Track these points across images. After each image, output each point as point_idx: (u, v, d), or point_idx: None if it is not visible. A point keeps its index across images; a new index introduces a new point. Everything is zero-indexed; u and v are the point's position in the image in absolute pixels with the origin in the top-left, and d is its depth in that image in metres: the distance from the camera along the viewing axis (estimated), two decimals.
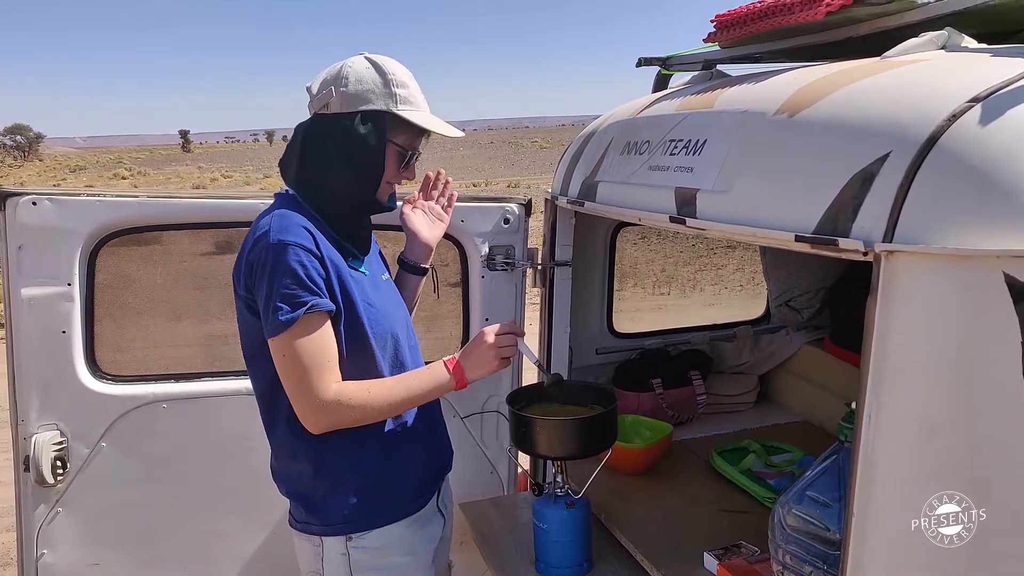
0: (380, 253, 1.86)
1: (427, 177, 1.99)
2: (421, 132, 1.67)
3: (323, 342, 1.51)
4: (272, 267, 1.47)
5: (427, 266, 1.97)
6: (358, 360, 1.60)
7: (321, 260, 1.52)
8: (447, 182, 1.92)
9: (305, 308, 1.47)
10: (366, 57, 1.63)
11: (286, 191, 1.68)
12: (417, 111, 1.64)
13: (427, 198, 1.99)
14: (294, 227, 1.51)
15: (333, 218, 1.62)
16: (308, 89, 1.64)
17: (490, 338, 1.69)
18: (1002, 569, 1.15)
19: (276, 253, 1.47)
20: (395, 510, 1.68)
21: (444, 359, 1.68)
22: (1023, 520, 1.13)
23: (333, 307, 1.53)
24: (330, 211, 1.62)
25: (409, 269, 1.95)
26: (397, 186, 1.73)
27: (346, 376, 1.56)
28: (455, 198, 2.02)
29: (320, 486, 1.63)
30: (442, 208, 1.99)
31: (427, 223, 1.96)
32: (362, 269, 1.68)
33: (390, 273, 1.87)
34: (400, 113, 1.61)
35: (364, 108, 1.59)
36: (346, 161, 1.60)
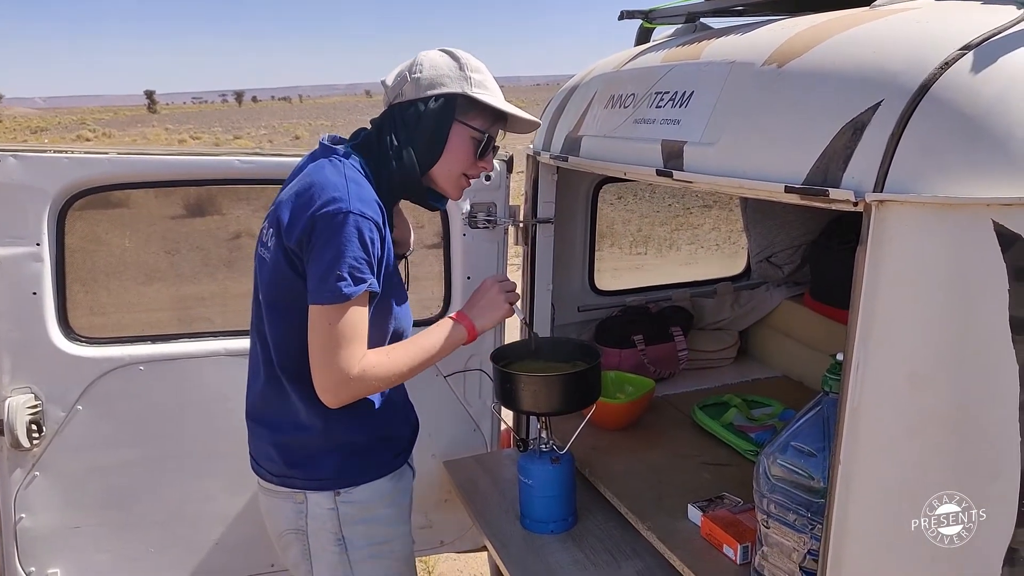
0: None
1: None
2: (497, 117, 1.68)
3: (364, 320, 1.52)
4: (347, 236, 1.45)
5: (406, 253, 1.94)
6: (374, 337, 1.60)
7: (384, 243, 1.54)
8: None
9: (366, 285, 1.48)
10: (440, 48, 1.65)
11: (346, 149, 1.64)
12: (493, 95, 1.65)
13: None
14: (371, 201, 1.51)
15: (387, 200, 1.62)
16: (383, 83, 1.65)
17: (494, 284, 1.75)
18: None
19: (354, 224, 1.45)
20: (380, 467, 1.69)
21: (449, 315, 1.71)
22: (1004, 465, 1.15)
23: (379, 290, 1.54)
24: (387, 193, 1.62)
25: None
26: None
27: None
28: None
29: (318, 441, 1.62)
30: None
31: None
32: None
33: None
34: (474, 94, 1.61)
35: (438, 91, 1.60)
36: (412, 143, 1.61)
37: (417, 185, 1.67)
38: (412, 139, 1.62)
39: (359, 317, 1.50)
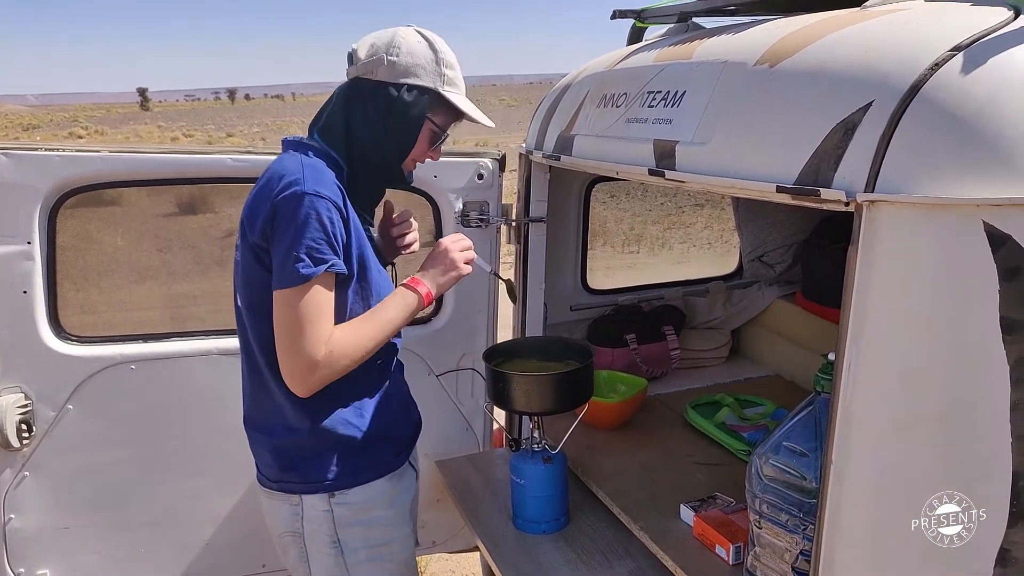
0: None
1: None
2: (457, 116, 1.69)
3: (329, 302, 1.50)
4: (303, 218, 1.44)
5: (392, 262, 1.96)
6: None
7: (347, 222, 1.52)
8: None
9: (327, 266, 1.46)
10: (417, 31, 1.64)
11: (304, 140, 1.64)
12: (461, 96, 1.66)
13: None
14: (328, 183, 1.50)
15: (357, 183, 1.62)
16: (353, 51, 1.63)
17: (446, 244, 1.71)
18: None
19: (310, 205, 1.45)
20: (378, 467, 1.68)
21: (403, 281, 1.68)
22: (995, 465, 1.16)
23: (346, 272, 1.52)
24: (358, 175, 1.62)
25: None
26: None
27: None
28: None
29: (310, 442, 1.61)
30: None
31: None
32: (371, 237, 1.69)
33: None
34: (446, 94, 1.62)
35: (411, 81, 1.60)
36: (383, 128, 1.61)
37: (397, 171, 1.68)
38: (385, 125, 1.61)
39: (323, 299, 1.48)
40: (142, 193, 2.51)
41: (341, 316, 1.55)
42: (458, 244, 1.72)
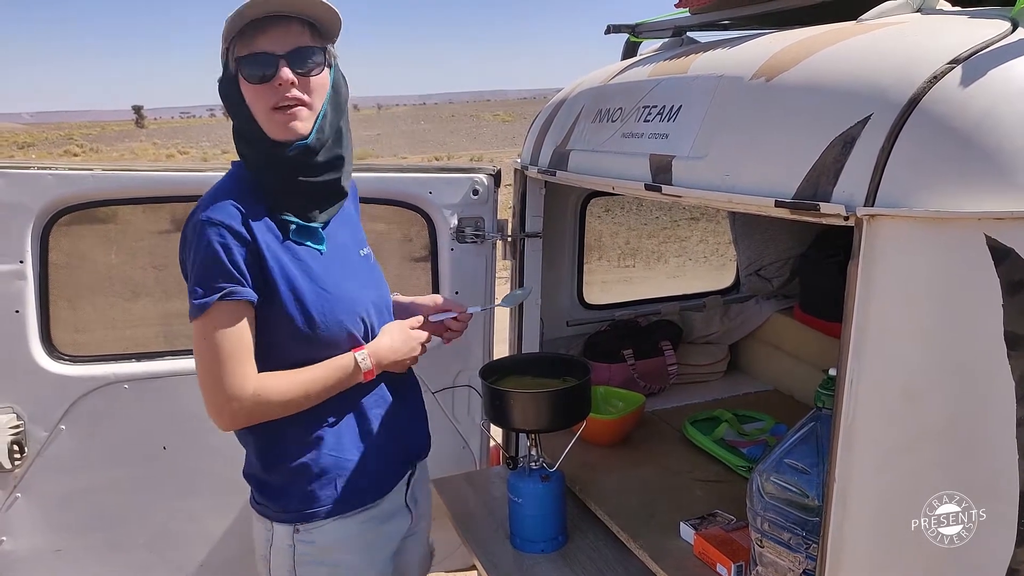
0: (359, 226, 1.73)
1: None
2: (247, 30, 1.40)
3: (238, 332, 1.40)
4: (195, 246, 1.38)
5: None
6: (308, 349, 1.48)
7: (250, 244, 1.41)
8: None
9: (219, 294, 1.36)
10: None
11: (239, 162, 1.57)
12: (236, 15, 1.38)
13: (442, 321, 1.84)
14: (224, 204, 1.41)
15: (267, 181, 1.48)
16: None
17: (398, 326, 1.64)
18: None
19: (200, 231, 1.38)
20: (345, 502, 1.56)
21: (353, 349, 1.54)
22: (1002, 483, 1.14)
23: (255, 297, 1.41)
24: (261, 172, 1.48)
25: None
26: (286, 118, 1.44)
27: (293, 365, 1.47)
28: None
29: (270, 469, 1.54)
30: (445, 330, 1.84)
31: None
32: (317, 246, 1.52)
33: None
34: (227, 21, 1.39)
35: (223, 56, 1.45)
36: (228, 105, 1.47)
37: (270, 147, 1.45)
38: (231, 114, 1.47)
39: (232, 328, 1.39)
40: (137, 210, 2.49)
41: (284, 337, 1.46)
42: (414, 333, 1.64)
